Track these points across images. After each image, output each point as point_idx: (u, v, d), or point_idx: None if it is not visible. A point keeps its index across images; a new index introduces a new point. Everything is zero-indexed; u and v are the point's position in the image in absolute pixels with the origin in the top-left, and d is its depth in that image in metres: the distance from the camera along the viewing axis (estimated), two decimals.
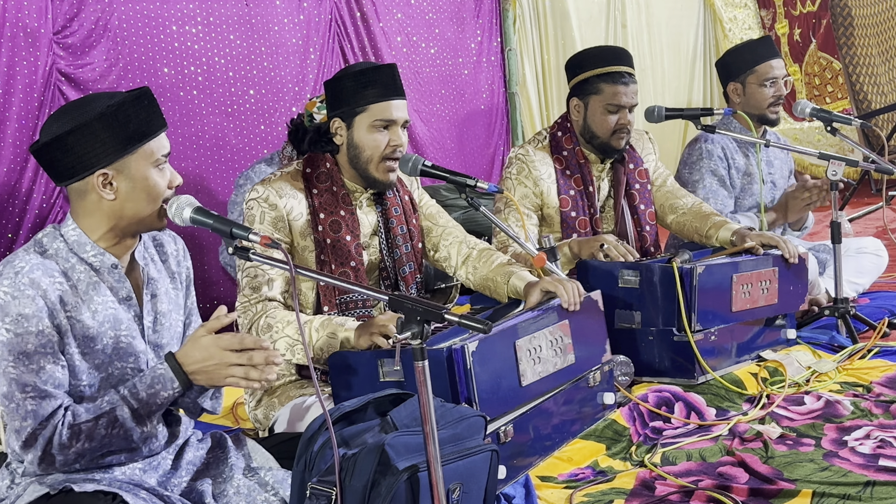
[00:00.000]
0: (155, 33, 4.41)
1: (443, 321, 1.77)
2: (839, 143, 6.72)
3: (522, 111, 6.16)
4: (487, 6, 5.98)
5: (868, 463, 2.52)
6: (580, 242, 3.25)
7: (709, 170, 3.87)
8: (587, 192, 3.43)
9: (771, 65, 3.92)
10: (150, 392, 1.96)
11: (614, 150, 3.44)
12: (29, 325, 1.90)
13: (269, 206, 2.67)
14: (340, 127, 2.73)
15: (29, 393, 1.90)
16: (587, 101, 3.43)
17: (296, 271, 1.87)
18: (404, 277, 2.84)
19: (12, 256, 1.98)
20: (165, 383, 1.96)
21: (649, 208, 3.55)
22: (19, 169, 4.00)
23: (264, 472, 2.12)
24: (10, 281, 1.91)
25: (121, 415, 1.94)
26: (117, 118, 1.95)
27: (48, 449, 1.90)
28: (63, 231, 2.02)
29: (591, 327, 2.80)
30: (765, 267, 3.27)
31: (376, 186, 2.77)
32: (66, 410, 1.93)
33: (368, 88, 2.67)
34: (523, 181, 3.39)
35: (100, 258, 2.02)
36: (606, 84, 3.39)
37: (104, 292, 2.02)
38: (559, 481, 2.54)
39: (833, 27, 7.41)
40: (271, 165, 4.03)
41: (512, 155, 3.48)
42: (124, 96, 1.98)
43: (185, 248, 2.29)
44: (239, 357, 1.94)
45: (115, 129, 1.95)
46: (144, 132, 1.98)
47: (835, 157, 3.48)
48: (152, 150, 2.00)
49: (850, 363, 3.30)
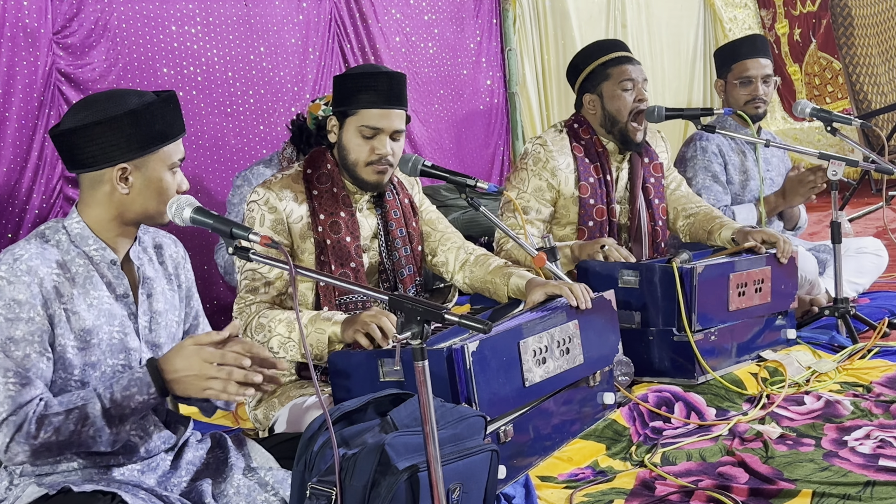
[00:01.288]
0: (154, 33, 4.41)
1: (443, 321, 1.76)
2: (839, 143, 6.72)
3: (522, 111, 6.15)
4: (487, 6, 5.98)
5: (868, 463, 2.51)
6: (581, 246, 3.26)
7: (702, 166, 3.90)
8: (606, 181, 3.44)
9: (746, 64, 3.93)
10: (125, 394, 1.93)
11: (632, 142, 3.44)
12: (21, 311, 1.92)
13: (269, 209, 2.68)
14: (335, 125, 2.74)
15: (10, 378, 1.89)
16: (600, 91, 3.45)
17: (296, 271, 1.86)
18: (403, 280, 2.84)
19: (13, 245, 2.00)
20: (142, 388, 1.93)
21: (662, 203, 3.57)
22: (19, 169, 4.00)
23: (264, 471, 2.12)
24: (7, 266, 1.94)
25: (91, 412, 1.91)
26: (145, 117, 2.00)
27: (15, 436, 1.88)
28: (66, 223, 2.05)
29: (603, 327, 2.79)
30: (759, 266, 3.28)
31: (367, 188, 2.76)
32: (41, 401, 1.92)
33: (363, 93, 2.65)
34: (539, 172, 3.39)
35: (100, 252, 2.04)
36: (613, 67, 3.44)
37: (101, 287, 2.03)
38: (559, 481, 2.54)
39: (833, 27, 7.42)
40: (270, 167, 4.03)
41: (528, 146, 3.48)
42: (153, 97, 2.03)
43: (186, 254, 2.30)
44: (218, 371, 1.91)
45: (142, 127, 2.00)
46: (167, 134, 2.04)
47: (835, 157, 3.48)
48: (170, 153, 2.05)
49: (850, 363, 3.30)
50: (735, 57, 3.97)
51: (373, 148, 2.67)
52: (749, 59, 3.94)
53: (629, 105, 3.41)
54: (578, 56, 3.60)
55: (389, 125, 2.67)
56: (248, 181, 4.02)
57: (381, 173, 2.71)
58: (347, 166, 2.72)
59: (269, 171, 3.97)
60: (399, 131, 2.71)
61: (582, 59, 3.55)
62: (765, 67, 3.96)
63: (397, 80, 2.69)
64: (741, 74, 3.94)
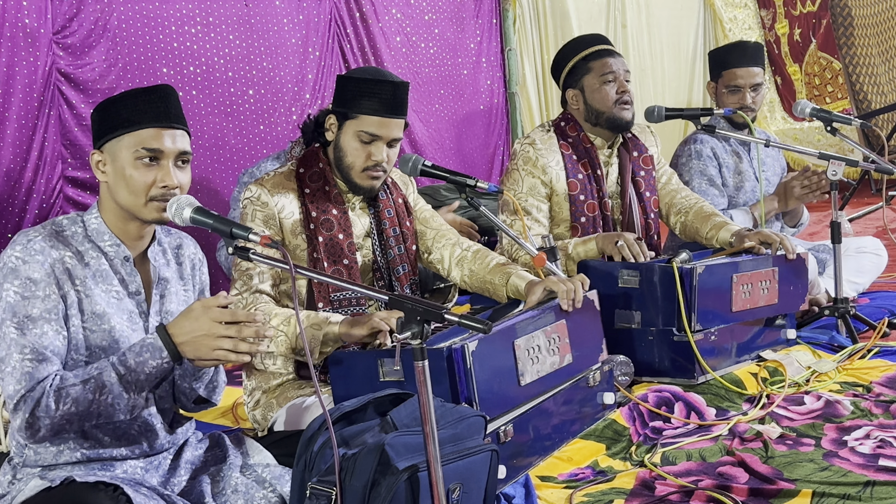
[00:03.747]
0: (154, 33, 4.42)
1: (443, 321, 1.76)
2: (839, 143, 6.71)
3: (522, 111, 6.16)
4: (487, 6, 5.98)
5: (868, 463, 2.51)
6: (604, 238, 3.25)
7: (698, 170, 3.90)
8: (595, 176, 3.43)
9: (736, 73, 3.91)
10: (139, 360, 1.92)
11: (622, 123, 3.43)
12: (36, 289, 1.94)
13: (261, 205, 2.69)
14: (333, 125, 2.74)
15: (27, 355, 1.91)
16: (582, 85, 3.44)
17: (295, 271, 1.86)
18: (399, 278, 2.84)
19: (28, 228, 2.03)
20: (154, 352, 1.91)
21: (654, 195, 3.56)
22: (19, 169, 4.00)
23: (262, 468, 2.12)
24: (21, 247, 1.96)
25: (108, 379, 1.91)
26: (115, 104, 2.02)
27: (35, 411, 1.89)
28: (85, 218, 2.08)
29: (587, 327, 2.80)
30: (765, 267, 3.27)
31: (359, 192, 2.76)
32: (57, 376, 1.92)
33: (366, 99, 2.65)
34: (531, 171, 3.39)
35: (115, 249, 2.06)
36: (594, 60, 3.44)
37: (114, 282, 2.05)
38: (559, 481, 2.54)
39: (833, 27, 7.42)
40: (277, 164, 4.03)
41: (517, 147, 3.48)
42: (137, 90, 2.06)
43: (204, 257, 2.30)
44: (227, 329, 1.90)
45: (110, 114, 2.02)
46: (133, 121, 2.01)
47: (835, 157, 3.48)
48: (139, 141, 2.00)
49: (850, 363, 3.30)
50: (725, 64, 3.95)
51: (369, 153, 2.67)
52: (739, 67, 3.91)
53: (612, 97, 3.40)
54: (560, 53, 3.59)
55: (388, 133, 2.67)
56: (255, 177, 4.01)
57: (375, 179, 2.71)
58: (342, 167, 2.73)
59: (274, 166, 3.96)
60: (397, 139, 2.72)
61: (563, 56, 3.54)
62: (755, 76, 3.92)
63: (401, 89, 2.68)
64: (730, 83, 3.92)
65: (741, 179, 3.96)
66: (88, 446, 2.02)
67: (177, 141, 2.05)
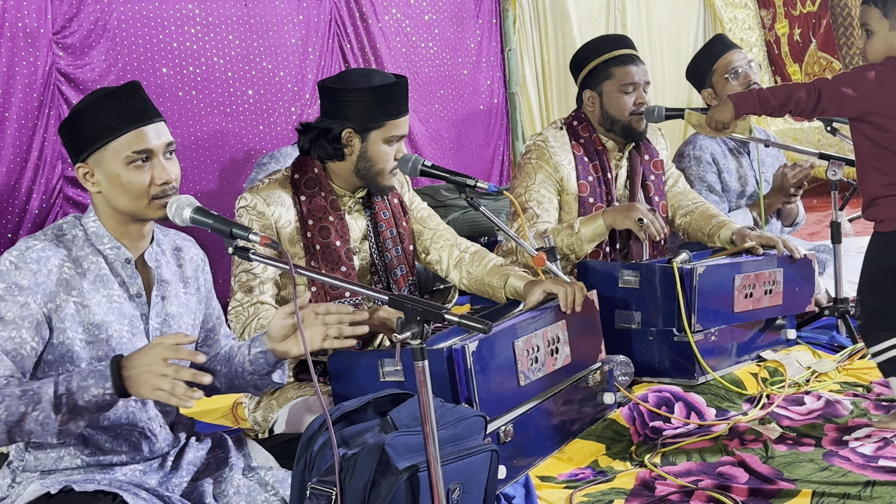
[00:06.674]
0: (154, 33, 4.41)
1: (443, 321, 1.77)
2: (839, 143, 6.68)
3: (522, 111, 6.15)
4: (487, 6, 5.97)
5: (868, 463, 2.51)
6: (613, 213, 3.20)
7: (697, 177, 3.90)
8: (605, 179, 3.43)
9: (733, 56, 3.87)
10: (82, 385, 1.82)
11: (636, 133, 3.43)
12: (19, 295, 1.91)
13: (258, 215, 2.68)
14: (354, 138, 2.71)
15: None
16: (601, 89, 3.43)
17: (295, 271, 1.86)
18: (396, 280, 2.84)
19: (30, 235, 2.02)
20: (98, 380, 1.82)
21: (663, 200, 3.56)
22: (19, 169, 4.00)
23: (264, 471, 2.12)
24: (19, 252, 1.95)
25: (44, 395, 1.81)
26: (90, 114, 1.98)
27: None
28: (84, 221, 2.05)
29: (587, 327, 2.80)
30: (769, 268, 3.26)
31: (380, 192, 2.80)
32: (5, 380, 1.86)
33: (390, 105, 2.68)
34: (543, 165, 3.38)
35: (115, 251, 2.04)
36: (617, 67, 3.41)
37: (114, 286, 2.03)
38: (559, 481, 2.54)
39: (833, 27, 7.41)
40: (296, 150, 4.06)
41: (530, 142, 3.48)
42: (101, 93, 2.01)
43: (206, 258, 2.29)
44: (167, 368, 1.79)
45: (87, 125, 1.99)
46: (113, 127, 1.98)
47: (835, 157, 3.48)
48: (121, 147, 1.98)
49: (850, 363, 3.30)
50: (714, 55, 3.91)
51: (396, 152, 2.74)
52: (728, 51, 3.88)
53: (628, 108, 3.40)
54: (583, 50, 3.57)
55: (406, 129, 2.76)
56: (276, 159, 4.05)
57: (395, 176, 2.78)
58: (368, 175, 2.73)
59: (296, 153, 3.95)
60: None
61: (586, 54, 3.52)
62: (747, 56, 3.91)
63: (407, 84, 2.75)
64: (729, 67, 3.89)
65: (745, 181, 3.96)
66: (89, 452, 2.02)
67: (160, 134, 2.03)
